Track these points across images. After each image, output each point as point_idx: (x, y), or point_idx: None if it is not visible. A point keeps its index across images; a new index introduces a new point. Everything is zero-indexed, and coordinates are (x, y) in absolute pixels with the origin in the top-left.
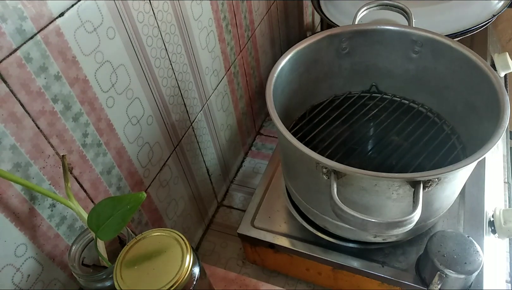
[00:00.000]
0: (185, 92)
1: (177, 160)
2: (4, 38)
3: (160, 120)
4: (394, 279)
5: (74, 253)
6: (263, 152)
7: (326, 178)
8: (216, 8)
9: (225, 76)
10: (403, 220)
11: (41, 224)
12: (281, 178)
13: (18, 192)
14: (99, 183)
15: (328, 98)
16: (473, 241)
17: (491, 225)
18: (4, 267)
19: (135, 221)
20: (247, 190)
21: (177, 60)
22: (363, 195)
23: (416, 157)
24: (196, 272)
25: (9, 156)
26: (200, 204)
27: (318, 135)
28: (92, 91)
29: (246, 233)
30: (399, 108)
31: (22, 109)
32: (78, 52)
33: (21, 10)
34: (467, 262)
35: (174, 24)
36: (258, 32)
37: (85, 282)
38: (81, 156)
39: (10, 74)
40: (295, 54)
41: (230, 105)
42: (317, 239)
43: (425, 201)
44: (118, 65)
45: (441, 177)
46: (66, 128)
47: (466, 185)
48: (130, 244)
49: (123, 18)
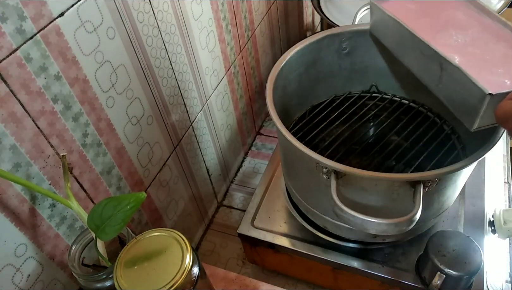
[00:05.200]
0: (185, 92)
1: (177, 160)
2: (4, 38)
3: (160, 120)
4: (394, 279)
5: (74, 253)
6: (263, 152)
7: (326, 178)
8: (216, 8)
9: (225, 76)
10: (403, 220)
11: (41, 224)
12: (281, 178)
13: (18, 192)
14: (99, 183)
15: (328, 98)
16: (473, 241)
17: (491, 225)
18: (4, 267)
19: (135, 221)
20: (247, 190)
21: (177, 60)
22: (363, 195)
23: (416, 157)
24: (196, 272)
25: (9, 156)
26: (200, 204)
27: (318, 135)
28: (92, 91)
29: (246, 233)
30: (399, 108)
31: (22, 109)
32: (78, 52)
33: (21, 10)
34: (467, 262)
35: (174, 24)
36: (258, 32)
37: (85, 282)
38: (81, 156)
39: (10, 74)
40: (295, 54)
41: (230, 105)
42: (317, 239)
43: (425, 201)
44: (118, 65)
45: (441, 177)
46: (66, 128)
47: (466, 185)
48: (130, 244)
49: (123, 18)
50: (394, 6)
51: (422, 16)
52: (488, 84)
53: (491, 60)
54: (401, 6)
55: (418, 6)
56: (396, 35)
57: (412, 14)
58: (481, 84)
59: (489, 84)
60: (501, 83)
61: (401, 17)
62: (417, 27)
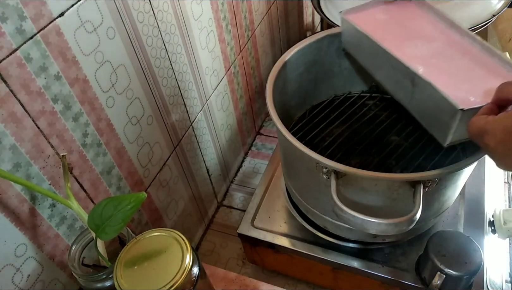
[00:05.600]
0: (185, 92)
1: (177, 160)
2: (4, 38)
3: (160, 120)
4: (394, 279)
5: (74, 253)
6: (263, 152)
7: (326, 178)
8: (216, 8)
9: (225, 76)
10: (403, 220)
11: (41, 224)
12: (281, 178)
13: (18, 192)
14: (99, 183)
15: (328, 98)
16: (473, 241)
17: (491, 225)
18: (4, 267)
19: (135, 221)
20: (247, 190)
21: (177, 60)
22: (363, 195)
23: (416, 157)
24: (196, 272)
25: (9, 156)
26: (200, 204)
27: (318, 135)
28: (92, 91)
29: (246, 233)
30: (399, 108)
31: (22, 109)
32: (78, 52)
33: (21, 10)
34: (467, 262)
35: (174, 24)
36: (258, 32)
37: (85, 282)
38: (81, 156)
39: (10, 74)
40: (295, 54)
41: (230, 105)
42: (317, 239)
43: (425, 201)
44: (118, 65)
45: (441, 177)
46: (66, 128)
47: (466, 185)
48: (130, 244)
49: (123, 18)
50: (364, 18)
51: (391, 27)
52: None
53: (456, 74)
54: (371, 17)
55: (388, 17)
56: (367, 50)
57: (381, 25)
58: (452, 99)
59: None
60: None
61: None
62: (384, 38)
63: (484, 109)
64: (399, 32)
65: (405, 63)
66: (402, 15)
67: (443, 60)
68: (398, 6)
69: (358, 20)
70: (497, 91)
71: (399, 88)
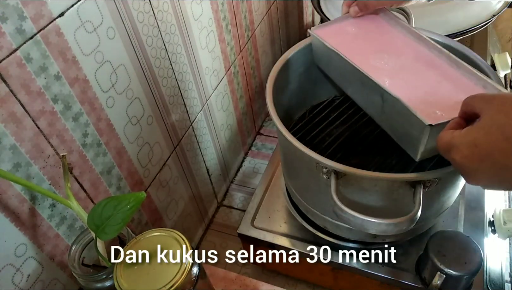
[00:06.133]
0: (185, 92)
1: (177, 160)
2: (4, 38)
3: (160, 120)
4: (394, 279)
5: (74, 253)
6: (263, 152)
7: (326, 178)
8: (216, 8)
9: (225, 76)
10: (403, 220)
11: (41, 224)
12: (281, 178)
13: (18, 192)
14: (99, 183)
15: (328, 98)
16: (473, 241)
17: (491, 225)
18: (4, 267)
19: (135, 221)
20: (247, 190)
21: (177, 60)
22: (363, 195)
23: None
24: (196, 272)
25: (9, 156)
26: (200, 204)
27: (318, 135)
28: (92, 91)
29: (246, 233)
30: None
31: (22, 109)
32: (78, 52)
33: (21, 10)
34: (467, 262)
35: (174, 24)
36: (258, 32)
37: (85, 282)
38: (81, 156)
39: (10, 74)
40: (295, 54)
41: (230, 105)
42: (317, 239)
43: (425, 201)
44: (118, 65)
45: (441, 177)
46: (66, 128)
47: (466, 185)
48: (130, 244)
49: (123, 18)
50: (334, 32)
51: (359, 40)
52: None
53: (423, 88)
54: (341, 30)
55: (358, 30)
56: (337, 65)
57: (350, 38)
58: (420, 115)
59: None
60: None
61: (339, 43)
62: (352, 52)
63: (451, 123)
64: (368, 46)
65: (374, 79)
66: (371, 28)
67: (411, 74)
68: (368, 19)
69: (328, 35)
70: (463, 105)
71: (370, 103)
